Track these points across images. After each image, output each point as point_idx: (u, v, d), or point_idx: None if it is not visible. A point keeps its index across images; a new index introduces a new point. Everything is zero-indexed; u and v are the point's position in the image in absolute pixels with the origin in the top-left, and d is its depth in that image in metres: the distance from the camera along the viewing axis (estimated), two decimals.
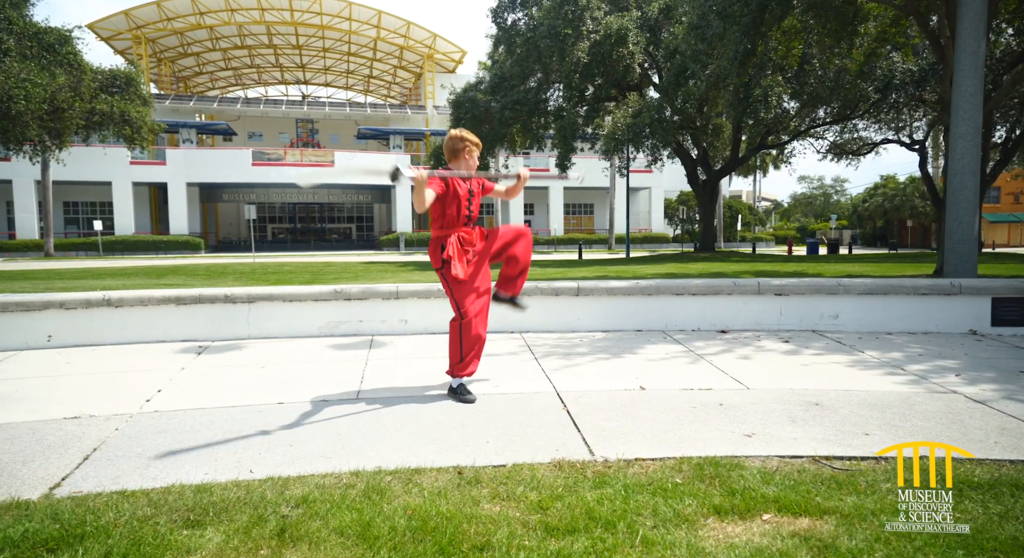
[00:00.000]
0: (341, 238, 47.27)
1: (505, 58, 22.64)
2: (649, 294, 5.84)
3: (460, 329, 3.52)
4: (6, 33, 17.09)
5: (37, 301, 4.99)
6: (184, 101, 42.37)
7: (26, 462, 2.62)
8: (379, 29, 44.38)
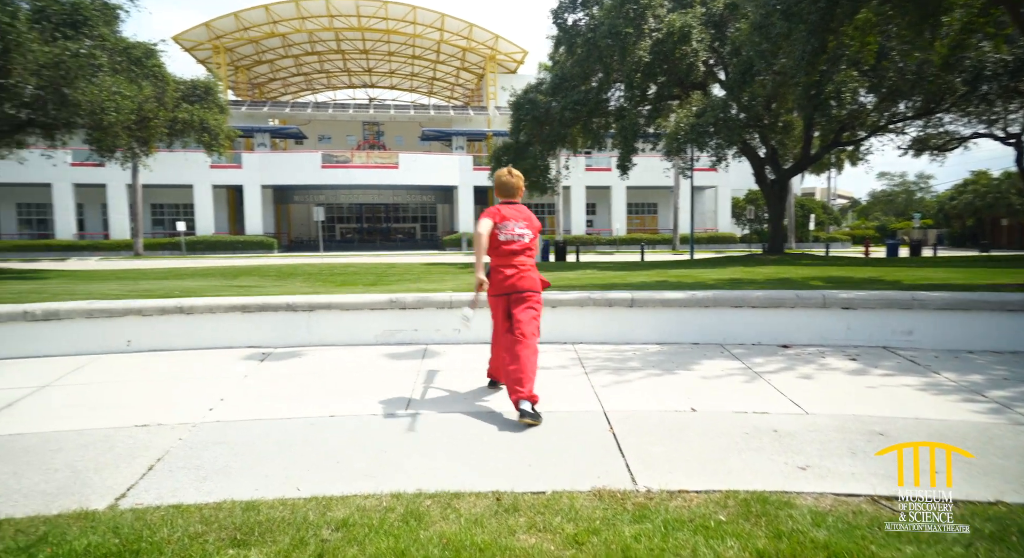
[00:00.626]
0: (406, 238, 48.23)
1: (566, 59, 22.53)
2: (706, 306, 5.69)
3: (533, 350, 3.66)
4: (100, 49, 18.28)
5: (118, 308, 5.32)
6: (259, 107, 44.18)
7: (98, 470, 2.80)
8: (442, 31, 45.01)
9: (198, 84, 21.86)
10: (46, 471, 2.78)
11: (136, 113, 18.12)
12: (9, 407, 3.80)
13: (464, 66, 51.31)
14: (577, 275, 13.61)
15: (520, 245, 3.81)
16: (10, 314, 5.09)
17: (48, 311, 5.16)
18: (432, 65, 52.19)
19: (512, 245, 3.78)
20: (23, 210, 41.68)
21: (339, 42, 47.63)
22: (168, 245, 36.84)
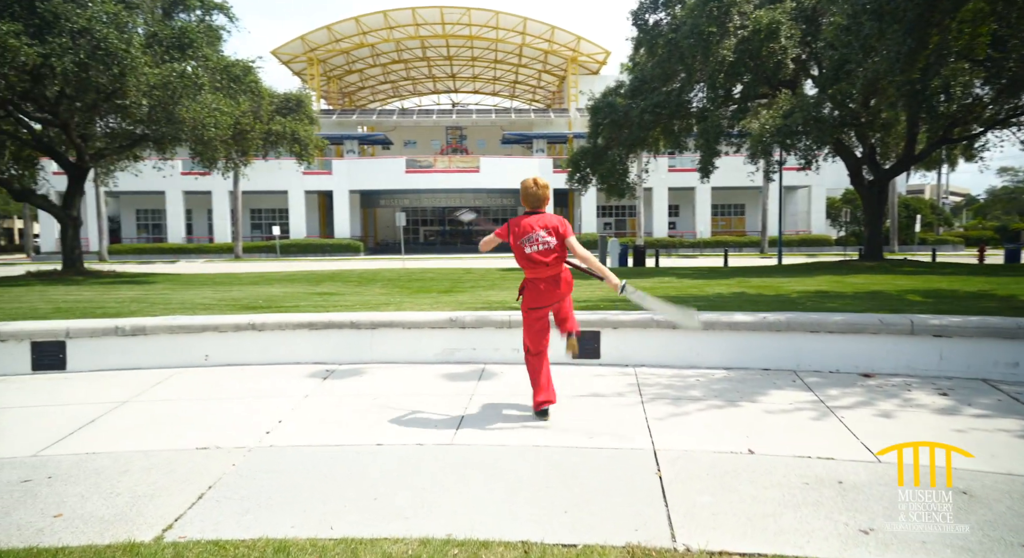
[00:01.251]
0: None
1: (646, 60, 22.07)
2: (778, 330, 5.37)
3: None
4: (202, 69, 19.61)
5: (197, 324, 5.64)
6: (348, 115, 45.99)
7: (154, 497, 2.95)
8: (524, 35, 45.23)
9: (290, 97, 22.98)
10: (109, 495, 2.95)
11: (233, 127, 19.27)
12: (92, 423, 4.09)
13: (546, 69, 51.37)
14: (652, 283, 13.27)
15: (547, 252, 3.92)
16: (104, 329, 5.50)
17: (136, 327, 5.54)
18: (514, 69, 52.57)
19: (537, 255, 3.91)
20: (141, 216, 45.25)
21: (424, 50, 48.84)
22: (265, 248, 38.97)
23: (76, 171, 19.58)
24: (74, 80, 14.93)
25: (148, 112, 16.56)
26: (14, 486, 3.07)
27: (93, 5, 15.40)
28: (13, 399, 4.68)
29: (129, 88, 15.80)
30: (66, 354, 5.41)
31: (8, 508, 2.82)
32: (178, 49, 17.59)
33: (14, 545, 2.46)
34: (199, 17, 20.28)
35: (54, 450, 3.58)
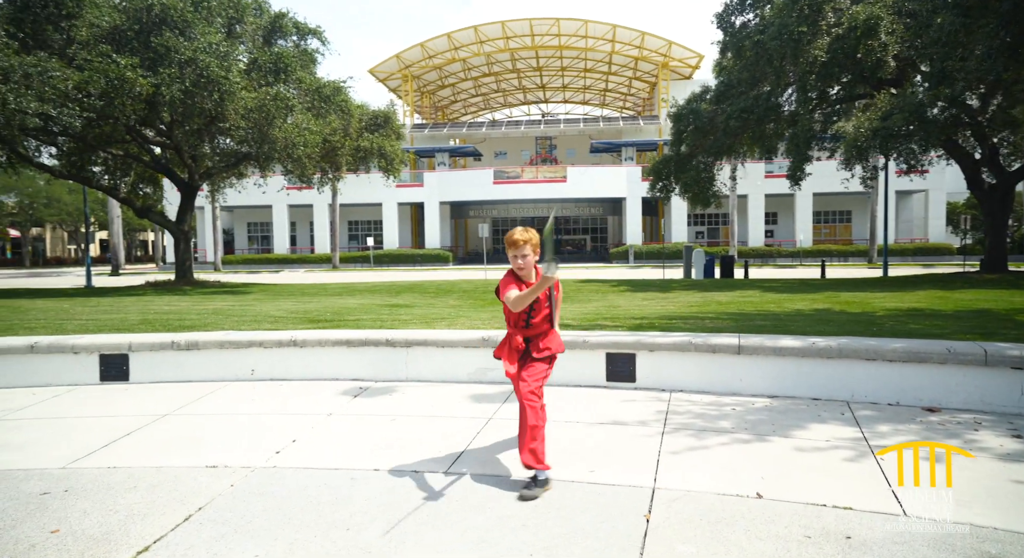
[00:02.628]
0: (575, 250, 48.56)
1: (734, 64, 21.22)
2: (829, 357, 4.93)
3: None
4: (296, 90, 20.84)
5: (244, 340, 5.92)
6: (439, 128, 47.27)
7: (145, 516, 3.08)
8: (614, 42, 44.79)
9: (378, 114, 23.90)
10: (107, 512, 3.12)
11: (322, 145, 20.28)
12: (127, 436, 4.37)
13: (636, 76, 50.60)
14: (728, 298, 12.64)
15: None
16: (162, 343, 5.88)
17: (190, 342, 5.89)
18: (604, 77, 52.16)
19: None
20: (251, 228, 48.52)
21: (514, 62, 49.45)
22: (360, 258, 40.71)
23: (187, 189, 21.28)
24: (181, 106, 16.24)
25: (245, 133, 17.73)
26: (32, 498, 3.31)
27: (200, 37, 16.71)
28: (72, 409, 5.09)
29: (229, 112, 17.00)
30: (129, 367, 5.83)
31: (17, 521, 3.04)
32: (274, 73, 18.75)
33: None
34: (295, 42, 21.55)
35: (82, 463, 3.84)
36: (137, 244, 74.69)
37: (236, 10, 19.24)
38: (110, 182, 22.84)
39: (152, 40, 16.08)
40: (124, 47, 16.19)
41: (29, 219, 58.75)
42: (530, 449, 3.26)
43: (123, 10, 16.96)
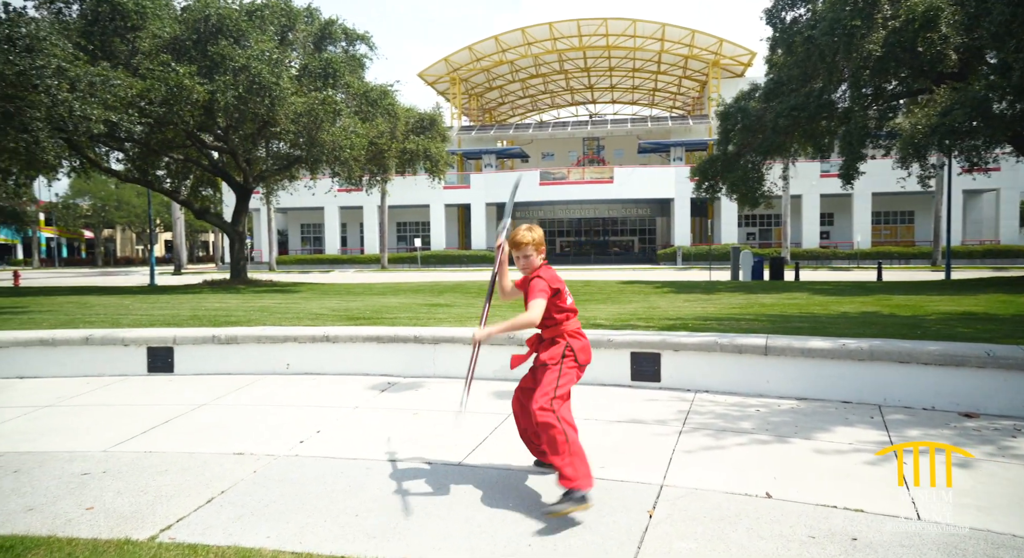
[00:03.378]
0: (622, 251, 48.14)
1: (784, 61, 20.70)
2: (860, 360, 4.79)
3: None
4: (344, 94, 21.40)
5: (279, 335, 6.15)
6: (486, 130, 47.61)
7: (171, 497, 3.26)
8: (663, 41, 44.25)
9: (424, 116, 24.26)
10: (138, 493, 3.32)
11: (369, 148, 20.74)
12: (166, 423, 4.61)
13: (686, 74, 49.86)
14: (773, 300, 12.35)
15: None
16: (204, 337, 6.17)
17: (230, 336, 6.16)
18: (653, 76, 51.58)
19: (573, 304, 3.29)
20: (304, 230, 49.90)
21: (561, 63, 49.42)
22: (408, 259, 41.38)
23: (242, 191, 22.08)
24: (234, 111, 16.89)
25: (295, 137, 18.30)
26: (73, 477, 3.55)
27: (253, 45, 17.35)
28: (119, 398, 5.39)
29: (279, 116, 17.58)
30: (173, 359, 6.13)
31: (57, 497, 3.27)
32: (322, 78, 19.28)
33: (38, 532, 2.85)
34: (344, 48, 22.10)
35: (121, 447, 4.08)
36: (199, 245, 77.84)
37: (288, 18, 19.88)
38: (171, 185, 23.91)
39: (209, 49, 16.79)
40: (183, 56, 16.96)
41: (101, 221, 62.05)
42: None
43: (183, 21, 17.77)
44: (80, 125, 10.85)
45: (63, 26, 16.58)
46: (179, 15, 18.39)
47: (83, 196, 59.79)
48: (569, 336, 3.21)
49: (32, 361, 6.20)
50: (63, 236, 66.73)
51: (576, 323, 3.28)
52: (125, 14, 16.81)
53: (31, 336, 6.27)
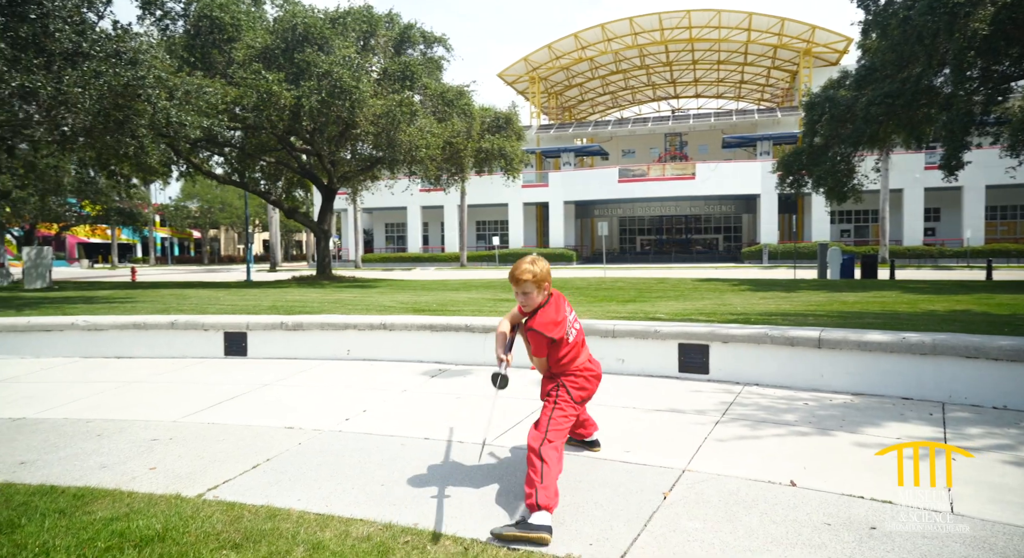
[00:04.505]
0: (705, 250, 46.80)
1: (877, 45, 19.51)
2: (922, 354, 4.53)
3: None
4: (421, 96, 22.03)
5: (340, 322, 6.48)
6: (565, 129, 47.52)
7: (223, 461, 3.56)
8: (749, 31, 42.67)
9: (500, 116, 24.56)
10: (196, 458, 3.64)
11: (445, 147, 21.25)
12: (232, 399, 4.99)
13: (775, 65, 47.84)
14: (857, 298, 11.71)
15: (581, 328, 3.24)
16: (272, 324, 6.59)
17: (296, 323, 6.55)
18: (739, 68, 49.82)
19: (577, 336, 3.16)
20: (388, 229, 51.59)
21: (642, 58, 48.62)
22: (486, 257, 41.98)
23: (327, 191, 23.17)
24: (318, 115, 17.78)
25: (375, 138, 19.03)
26: (144, 442, 3.93)
27: (336, 51, 18.19)
28: (195, 376, 5.86)
29: (360, 118, 18.33)
30: (247, 343, 6.59)
31: (127, 458, 3.64)
32: (400, 81, 19.94)
33: (106, 486, 3.19)
34: (422, 51, 22.75)
35: (190, 418, 4.46)
36: (293, 244, 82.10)
37: (369, 24, 20.69)
38: (265, 187, 25.43)
39: (295, 56, 17.75)
40: (272, 64, 18.02)
41: (208, 222, 66.69)
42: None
43: (273, 31, 18.87)
44: (179, 131, 11.76)
45: (169, 41, 18.04)
46: (271, 26, 19.54)
47: (192, 199, 64.52)
48: (570, 376, 3.09)
49: (127, 343, 6.84)
50: (175, 236, 72.25)
51: (582, 358, 3.14)
52: (222, 27, 18.06)
53: (127, 320, 6.91)
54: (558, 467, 2.83)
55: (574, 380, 3.09)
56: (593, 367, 3.19)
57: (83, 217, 36.40)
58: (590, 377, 3.15)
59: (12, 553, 2.47)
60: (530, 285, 2.99)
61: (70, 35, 8.60)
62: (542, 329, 2.99)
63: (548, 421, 2.94)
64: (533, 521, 2.60)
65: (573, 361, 3.11)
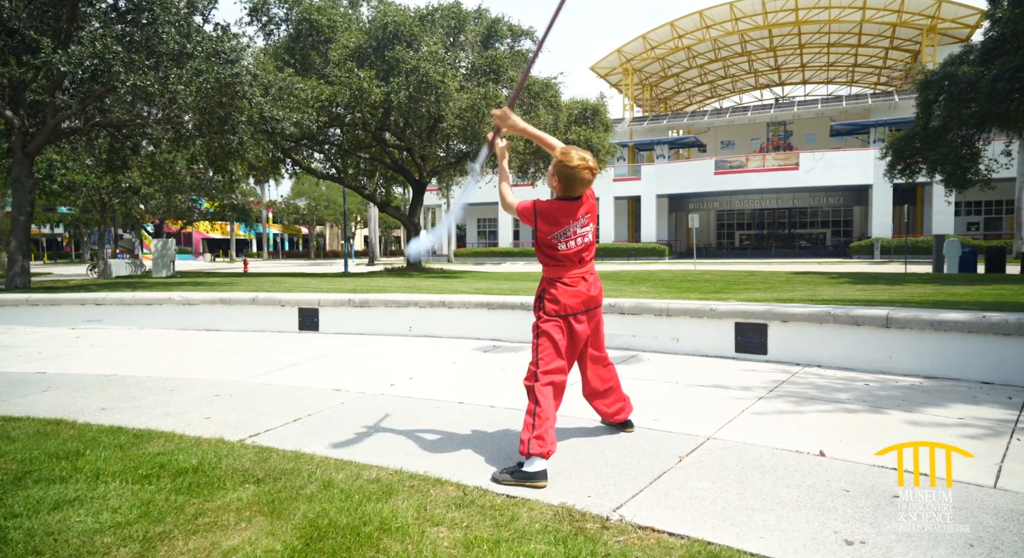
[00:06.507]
0: (810, 244, 44.25)
1: (1009, 14, 17.68)
2: (1004, 334, 4.11)
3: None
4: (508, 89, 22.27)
5: (403, 300, 6.71)
6: (659, 120, 46.41)
7: (270, 416, 3.81)
8: (864, 10, 39.82)
9: (587, 107, 24.40)
10: (247, 411, 3.91)
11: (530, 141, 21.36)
12: (294, 366, 5.31)
13: (893, 45, 44.39)
14: (969, 291, 10.68)
15: (586, 245, 2.97)
16: (341, 301, 6.94)
17: (362, 300, 6.86)
18: (852, 50, 46.64)
19: (575, 249, 2.94)
20: (480, 224, 52.49)
21: (743, 44, 46.59)
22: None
23: (417, 185, 23.93)
24: (407, 110, 18.39)
25: (460, 132, 19.45)
26: (206, 398, 4.27)
27: (425, 48, 18.75)
28: (268, 346, 6.28)
29: (446, 112, 18.80)
30: (319, 319, 6.97)
31: (188, 409, 3.98)
32: (486, 74, 20.24)
33: (164, 429, 3.51)
34: (509, 45, 22.97)
35: (252, 380, 4.80)
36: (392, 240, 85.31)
37: (458, 20, 21.11)
38: (360, 182, 26.61)
39: (386, 54, 18.45)
40: (364, 62, 18.81)
41: (314, 218, 70.62)
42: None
43: (366, 31, 19.69)
44: (274, 127, 12.55)
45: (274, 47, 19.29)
46: (365, 26, 20.40)
47: (300, 197, 68.55)
48: (551, 283, 2.94)
49: (215, 317, 7.42)
50: (285, 232, 77.02)
51: (570, 272, 2.93)
52: (320, 29, 19.06)
53: (215, 296, 7.50)
54: (553, 409, 2.80)
55: (556, 287, 2.91)
56: (573, 284, 2.92)
57: (203, 213, 39.55)
58: (574, 290, 2.92)
59: (70, 473, 2.79)
60: (550, 170, 2.89)
61: (175, 37, 9.44)
62: (540, 212, 2.86)
63: (536, 350, 2.88)
64: (527, 468, 2.64)
65: (563, 269, 2.92)
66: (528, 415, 2.76)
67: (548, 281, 2.98)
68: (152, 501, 2.49)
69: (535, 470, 2.61)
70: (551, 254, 2.96)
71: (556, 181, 2.90)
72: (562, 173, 2.85)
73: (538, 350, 2.88)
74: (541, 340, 2.89)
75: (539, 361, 2.85)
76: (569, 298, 2.92)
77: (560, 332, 2.91)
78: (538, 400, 2.76)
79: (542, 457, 2.66)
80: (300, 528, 2.25)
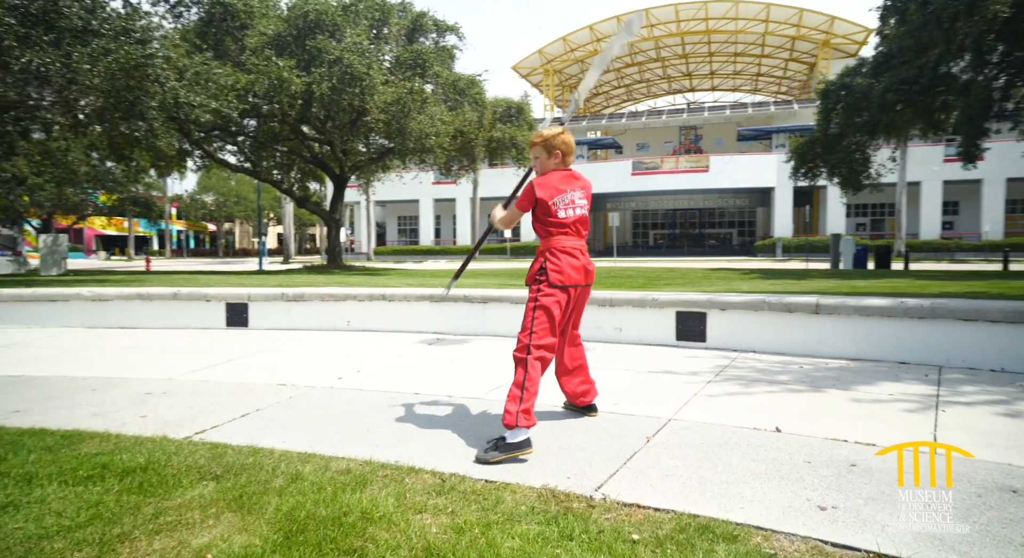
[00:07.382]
0: (719, 244, 46.44)
1: (896, 32, 19.22)
2: (920, 317, 4.46)
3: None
4: (433, 84, 22.05)
5: (340, 294, 6.51)
6: (578, 122, 47.32)
7: (214, 411, 3.59)
8: (767, 23, 42.19)
9: (511, 104, 24.52)
10: (186, 407, 3.67)
11: (457, 137, 21.26)
12: (228, 362, 5.03)
13: (793, 57, 47.26)
14: (868, 284, 11.54)
15: (582, 218, 3.03)
16: (273, 295, 6.64)
17: (296, 294, 6.60)
18: (756, 60, 49.29)
19: (573, 220, 2.98)
20: (401, 221, 51.72)
21: (658, 50, 48.24)
22: (498, 250, 41.96)
23: (338, 181, 23.28)
24: (329, 102, 17.83)
25: (385, 126, 19.07)
26: (137, 396, 3.97)
27: (348, 38, 18.25)
28: (195, 344, 5.92)
29: (370, 106, 18.38)
30: (248, 314, 6.64)
31: (119, 408, 3.68)
32: (412, 69, 19.96)
33: (96, 429, 3.23)
34: (434, 39, 22.75)
35: (185, 376, 4.51)
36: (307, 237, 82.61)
37: (382, 12, 20.70)
38: (276, 176, 25.58)
39: (307, 43, 17.82)
40: (284, 51, 18.08)
41: (223, 215, 67.30)
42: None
43: (285, 19, 18.95)
44: (189, 113, 11.84)
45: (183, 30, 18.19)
46: (284, 14, 19.63)
47: (207, 192, 65.12)
48: (552, 253, 2.94)
49: (132, 314, 6.92)
50: (190, 229, 72.92)
51: (571, 241, 2.97)
52: (235, 14, 18.17)
53: (131, 292, 7.00)
54: (538, 380, 2.84)
55: (558, 257, 2.92)
56: (574, 255, 2.96)
57: (99, 208, 36.81)
58: (572, 263, 2.95)
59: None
60: (538, 148, 2.99)
61: (79, 12, 8.72)
62: (539, 186, 2.93)
63: (532, 323, 2.87)
64: (511, 439, 2.67)
65: (562, 236, 2.96)
66: (516, 387, 2.77)
67: (549, 251, 2.96)
68: (101, 502, 2.29)
69: (520, 440, 2.66)
70: (552, 221, 2.96)
71: (559, 153, 2.99)
72: (561, 144, 2.99)
73: (533, 323, 2.88)
74: (538, 314, 2.89)
75: (532, 334, 2.86)
76: (572, 270, 2.94)
77: (559, 308, 2.92)
78: (528, 373, 2.79)
79: (526, 428, 2.69)
80: (275, 522, 2.13)
